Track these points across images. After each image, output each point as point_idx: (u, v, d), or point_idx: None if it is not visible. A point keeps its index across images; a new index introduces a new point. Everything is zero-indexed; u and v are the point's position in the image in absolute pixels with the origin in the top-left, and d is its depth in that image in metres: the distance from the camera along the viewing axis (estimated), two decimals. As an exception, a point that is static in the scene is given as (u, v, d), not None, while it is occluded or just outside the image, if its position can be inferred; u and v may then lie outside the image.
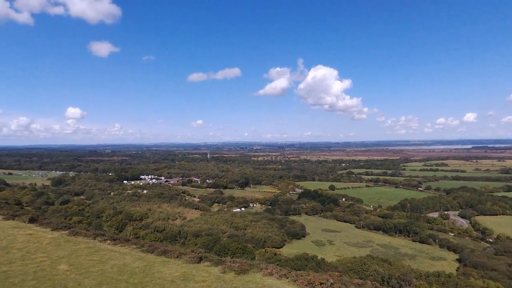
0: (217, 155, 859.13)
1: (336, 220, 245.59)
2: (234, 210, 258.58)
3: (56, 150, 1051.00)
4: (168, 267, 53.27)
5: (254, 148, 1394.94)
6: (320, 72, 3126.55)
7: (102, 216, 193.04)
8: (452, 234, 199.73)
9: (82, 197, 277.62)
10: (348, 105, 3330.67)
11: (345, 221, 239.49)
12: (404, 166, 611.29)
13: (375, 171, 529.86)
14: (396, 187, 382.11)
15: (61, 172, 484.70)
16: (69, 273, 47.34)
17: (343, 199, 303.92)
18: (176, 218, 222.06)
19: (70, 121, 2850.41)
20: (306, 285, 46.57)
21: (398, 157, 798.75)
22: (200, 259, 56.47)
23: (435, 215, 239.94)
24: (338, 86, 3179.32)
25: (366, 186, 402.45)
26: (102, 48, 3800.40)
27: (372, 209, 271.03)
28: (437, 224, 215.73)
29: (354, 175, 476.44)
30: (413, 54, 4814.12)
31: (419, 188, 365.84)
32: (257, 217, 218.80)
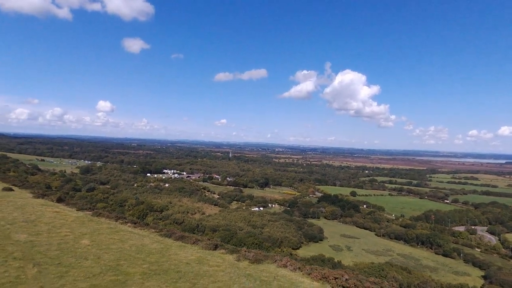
0: (238, 155, 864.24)
1: (356, 226, 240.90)
2: (252, 209, 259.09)
3: (86, 140, 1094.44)
4: (184, 251, 54.42)
5: (276, 150, 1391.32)
6: (348, 77, 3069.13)
7: (125, 205, 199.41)
8: (479, 250, 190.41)
9: (107, 186, 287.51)
10: (375, 111, 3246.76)
11: (365, 228, 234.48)
12: (431, 177, 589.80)
13: (399, 180, 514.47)
14: (420, 198, 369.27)
15: (89, 162, 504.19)
16: (90, 247, 49.49)
17: (364, 206, 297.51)
18: (195, 213, 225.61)
19: (100, 114, 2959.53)
20: (320, 279, 46.11)
21: (425, 168, 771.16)
22: (215, 247, 57.20)
23: (461, 229, 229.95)
24: (365, 91, 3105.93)
25: (389, 194, 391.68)
26: (134, 45, 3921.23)
27: (394, 218, 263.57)
28: (462, 238, 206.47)
29: (377, 183, 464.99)
30: (445, 62, 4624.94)
31: (446, 201, 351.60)
32: (275, 217, 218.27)
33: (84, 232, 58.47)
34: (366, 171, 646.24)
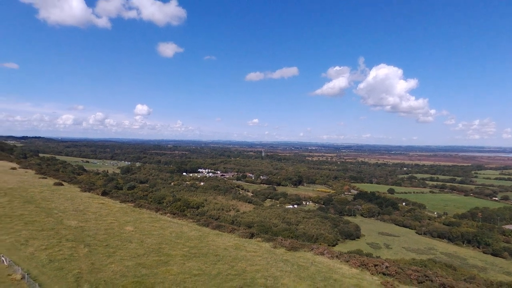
0: (271, 154, 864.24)
1: (395, 224, 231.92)
2: (286, 206, 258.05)
3: (125, 143, 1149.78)
4: (222, 239, 56.06)
5: (309, 148, 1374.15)
6: (383, 71, 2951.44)
7: (163, 202, 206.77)
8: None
9: (146, 184, 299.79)
10: (413, 106, 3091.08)
11: (404, 226, 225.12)
12: (476, 173, 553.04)
13: (441, 177, 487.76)
14: (465, 195, 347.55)
15: (129, 162, 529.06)
16: (134, 233, 52.49)
17: (403, 203, 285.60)
18: (230, 210, 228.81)
19: (138, 117, 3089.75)
20: (359, 266, 45.34)
21: (469, 164, 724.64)
22: (252, 235, 58.19)
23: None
24: (402, 86, 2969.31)
25: (430, 192, 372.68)
26: (168, 49, 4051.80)
27: (436, 215, 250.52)
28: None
29: (416, 180, 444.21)
30: (489, 51, 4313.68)
31: (494, 198, 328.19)
32: (309, 214, 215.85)
33: (127, 220, 62.13)
34: (405, 168, 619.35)
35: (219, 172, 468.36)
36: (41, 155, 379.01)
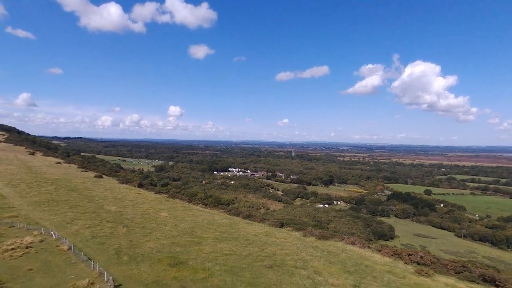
0: (301, 154, 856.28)
1: (431, 226, 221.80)
2: (317, 206, 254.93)
3: (159, 143, 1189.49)
4: (252, 227, 56.86)
5: (341, 148, 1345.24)
6: (419, 68, 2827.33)
7: (195, 198, 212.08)
8: None
9: (179, 182, 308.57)
10: (452, 104, 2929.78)
11: (442, 228, 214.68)
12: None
13: (483, 178, 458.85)
14: (511, 197, 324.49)
15: (163, 161, 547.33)
16: (168, 218, 54.71)
17: (441, 205, 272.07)
18: (260, 208, 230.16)
19: (171, 118, 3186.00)
20: (392, 255, 44.25)
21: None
22: (282, 224, 58.47)
23: None
24: (440, 83, 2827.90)
25: (471, 193, 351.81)
26: (200, 51, 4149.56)
27: (477, 218, 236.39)
28: None
29: (456, 181, 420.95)
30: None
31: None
32: (341, 214, 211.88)
33: (162, 208, 64.85)
34: (443, 169, 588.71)
35: (249, 171, 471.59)
36: (82, 154, 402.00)
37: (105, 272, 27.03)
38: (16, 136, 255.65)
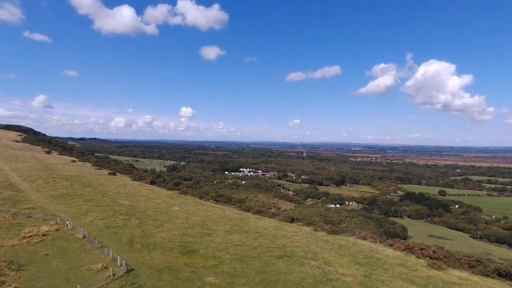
0: (312, 154, 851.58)
1: (446, 227, 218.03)
2: (328, 206, 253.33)
3: (171, 144, 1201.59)
4: (262, 221, 57.03)
5: (353, 149, 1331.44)
6: (433, 68, 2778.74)
7: (206, 196, 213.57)
8: None
9: (190, 181, 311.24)
10: (468, 104, 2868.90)
11: (457, 229, 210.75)
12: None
13: (500, 179, 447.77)
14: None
15: (174, 161, 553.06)
16: (179, 212, 55.37)
17: (456, 205, 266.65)
18: (271, 208, 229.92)
19: (183, 119, 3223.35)
20: (404, 249, 43.75)
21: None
22: (292, 220, 58.36)
23: None
24: (455, 82, 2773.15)
25: (488, 195, 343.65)
26: (211, 52, 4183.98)
27: (494, 219, 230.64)
28: None
29: (471, 182, 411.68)
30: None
31: None
32: (352, 214, 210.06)
33: (174, 203, 65.68)
34: (458, 170, 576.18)
35: (260, 171, 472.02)
36: (96, 154, 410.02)
37: (118, 257, 27.71)
38: (33, 136, 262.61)
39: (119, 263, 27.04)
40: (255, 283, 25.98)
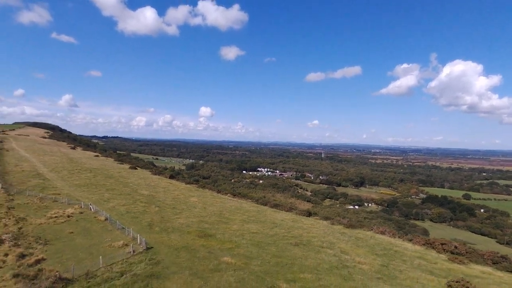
0: (331, 155, 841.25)
1: (470, 231, 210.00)
2: (346, 207, 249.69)
3: (190, 143, 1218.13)
4: (279, 214, 57.19)
5: (373, 151, 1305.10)
6: (458, 68, 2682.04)
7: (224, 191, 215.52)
8: None
9: (208, 180, 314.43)
10: (496, 106, 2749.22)
11: (482, 234, 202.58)
12: None
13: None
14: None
15: (193, 160, 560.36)
16: (198, 202, 56.34)
17: (482, 210, 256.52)
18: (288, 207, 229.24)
19: (202, 119, 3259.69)
20: (424, 244, 42.75)
21: None
22: (309, 214, 58.12)
23: None
24: (482, 83, 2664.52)
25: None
26: (230, 52, 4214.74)
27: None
28: None
29: (498, 186, 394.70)
30: None
31: None
32: (371, 215, 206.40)
33: (192, 195, 66.89)
34: (484, 174, 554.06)
35: (277, 171, 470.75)
36: (118, 152, 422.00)
37: (138, 235, 28.66)
38: (59, 133, 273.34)
39: (139, 241, 27.97)
40: (271, 265, 26.21)
